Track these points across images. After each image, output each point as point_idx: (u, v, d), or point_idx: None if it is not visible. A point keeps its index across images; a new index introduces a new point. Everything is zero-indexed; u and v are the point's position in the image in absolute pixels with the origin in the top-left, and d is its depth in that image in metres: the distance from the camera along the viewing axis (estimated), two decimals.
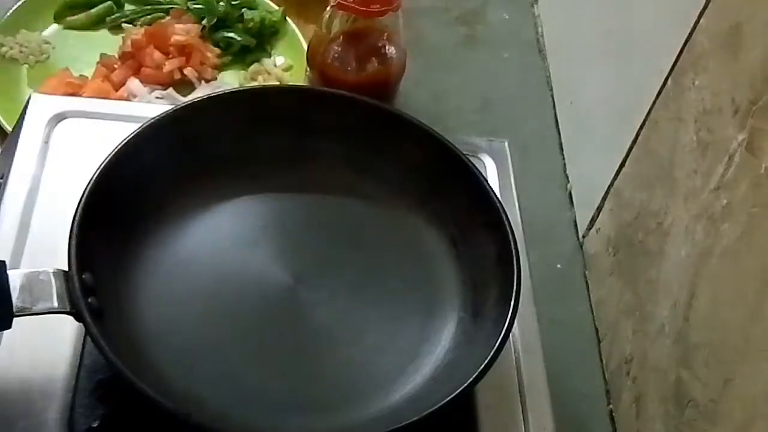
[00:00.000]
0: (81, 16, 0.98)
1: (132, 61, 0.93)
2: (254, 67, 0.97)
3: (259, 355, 0.59)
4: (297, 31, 1.00)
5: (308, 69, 0.91)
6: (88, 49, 0.96)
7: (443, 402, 0.52)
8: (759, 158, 0.58)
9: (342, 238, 0.65)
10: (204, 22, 0.98)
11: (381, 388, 0.58)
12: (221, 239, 0.64)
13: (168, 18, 0.98)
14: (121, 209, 0.59)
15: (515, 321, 0.56)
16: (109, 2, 0.99)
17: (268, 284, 0.61)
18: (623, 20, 0.86)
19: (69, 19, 0.98)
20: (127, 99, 0.90)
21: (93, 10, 0.99)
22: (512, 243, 0.59)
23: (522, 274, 0.58)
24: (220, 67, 0.97)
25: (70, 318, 0.52)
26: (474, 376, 0.53)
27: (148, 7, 1.00)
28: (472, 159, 0.65)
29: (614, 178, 0.83)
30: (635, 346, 0.75)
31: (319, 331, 0.60)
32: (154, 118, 0.62)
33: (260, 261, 0.63)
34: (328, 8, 0.82)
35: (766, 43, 0.59)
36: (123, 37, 0.96)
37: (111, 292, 0.56)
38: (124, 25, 0.98)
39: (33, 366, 0.56)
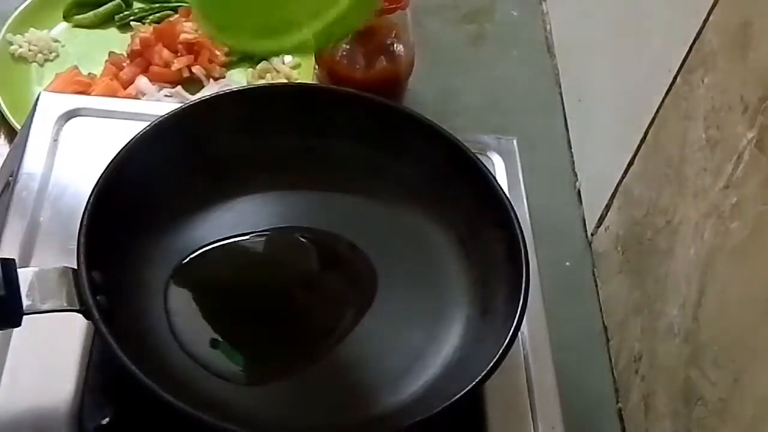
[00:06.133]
0: (89, 15, 0.99)
1: (140, 59, 0.93)
2: (262, 65, 0.97)
3: (267, 354, 0.59)
4: None
5: (317, 67, 0.91)
6: (97, 47, 0.96)
7: (452, 400, 0.52)
8: None
9: (349, 237, 0.65)
10: None
11: (389, 386, 0.58)
12: (230, 237, 0.64)
13: (176, 16, 0.99)
14: (130, 208, 0.59)
15: (524, 319, 0.56)
16: (117, 0, 0.99)
17: (276, 283, 0.61)
18: (632, 18, 0.86)
19: (77, 17, 0.99)
20: (135, 97, 0.90)
21: (101, 9, 0.99)
22: (521, 241, 0.59)
23: (530, 272, 0.58)
24: (228, 65, 0.97)
25: (80, 316, 0.52)
26: (482, 374, 0.53)
27: (157, 5, 1.00)
28: (480, 157, 0.65)
29: (623, 176, 0.83)
30: (644, 345, 0.75)
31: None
32: (162, 116, 0.62)
33: (269, 260, 0.63)
34: None
35: None
36: (131, 35, 0.96)
37: (120, 290, 0.56)
38: (132, 23, 0.98)
39: (42, 364, 0.56)
